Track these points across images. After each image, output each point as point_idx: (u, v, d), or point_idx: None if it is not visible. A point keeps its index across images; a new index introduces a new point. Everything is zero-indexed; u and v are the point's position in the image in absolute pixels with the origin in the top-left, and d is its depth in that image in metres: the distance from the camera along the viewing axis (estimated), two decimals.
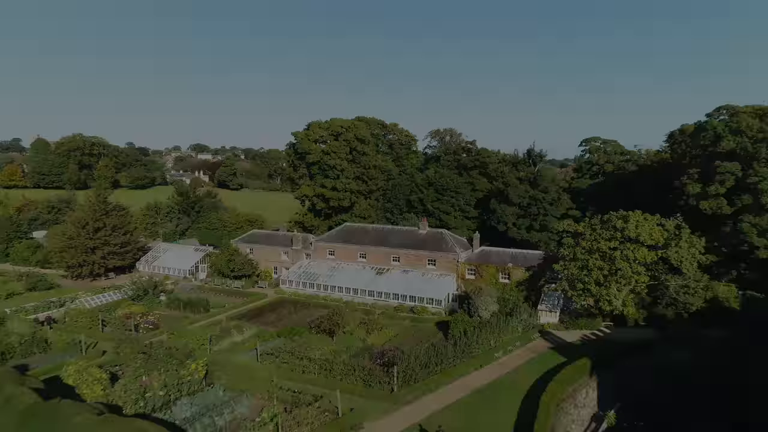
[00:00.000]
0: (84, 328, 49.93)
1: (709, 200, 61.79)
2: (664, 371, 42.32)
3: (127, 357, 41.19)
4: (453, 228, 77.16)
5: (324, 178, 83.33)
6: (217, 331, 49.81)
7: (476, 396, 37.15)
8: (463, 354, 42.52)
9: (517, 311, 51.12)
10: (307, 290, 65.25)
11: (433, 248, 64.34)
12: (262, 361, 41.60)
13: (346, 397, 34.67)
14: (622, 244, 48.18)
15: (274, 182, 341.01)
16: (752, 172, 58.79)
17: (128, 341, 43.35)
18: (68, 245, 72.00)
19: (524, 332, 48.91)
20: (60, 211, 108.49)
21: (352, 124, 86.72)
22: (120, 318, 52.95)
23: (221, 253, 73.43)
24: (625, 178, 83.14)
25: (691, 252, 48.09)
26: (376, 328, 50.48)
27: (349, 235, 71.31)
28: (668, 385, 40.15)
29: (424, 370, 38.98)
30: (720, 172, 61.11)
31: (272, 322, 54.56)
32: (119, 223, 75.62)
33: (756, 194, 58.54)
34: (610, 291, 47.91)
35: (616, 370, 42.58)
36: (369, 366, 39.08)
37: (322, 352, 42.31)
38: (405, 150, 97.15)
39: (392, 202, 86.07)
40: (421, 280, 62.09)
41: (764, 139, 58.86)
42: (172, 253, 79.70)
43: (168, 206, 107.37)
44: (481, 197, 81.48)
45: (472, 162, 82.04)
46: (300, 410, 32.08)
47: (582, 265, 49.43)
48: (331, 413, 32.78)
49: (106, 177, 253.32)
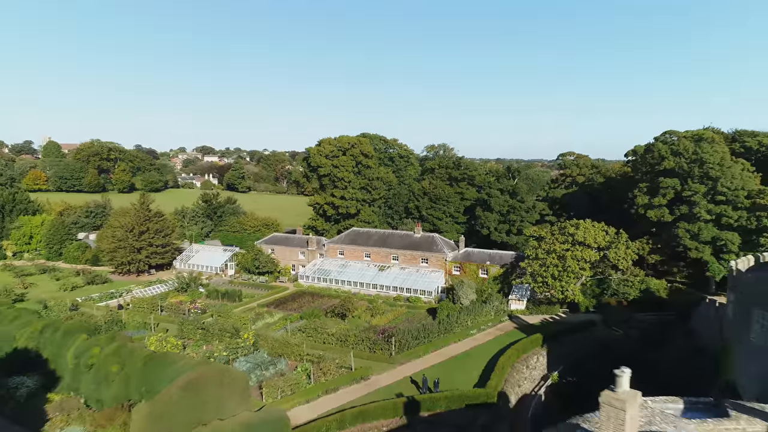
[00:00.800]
0: (147, 312, 62.39)
1: (654, 210, 73.94)
2: (600, 344, 54.60)
3: (189, 332, 53.64)
4: (444, 232, 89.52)
5: (333, 188, 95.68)
6: (252, 315, 62.18)
7: (452, 360, 49.49)
8: (445, 331, 54.88)
9: (491, 300, 63.49)
10: (321, 284, 77.66)
11: (425, 249, 76.75)
12: (292, 335, 54.00)
13: (356, 359, 47.08)
14: (573, 246, 60.48)
15: (281, 185, 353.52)
16: (687, 187, 70.93)
17: (189, 321, 55.82)
18: (118, 246, 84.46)
19: (496, 316, 61.17)
20: (97, 215, 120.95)
21: (358, 141, 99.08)
22: (173, 304, 65.39)
23: (247, 253, 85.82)
24: (594, 189, 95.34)
25: (627, 252, 60.39)
26: (379, 312, 62.85)
27: (355, 237, 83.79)
28: (600, 354, 52.48)
29: (414, 341, 51.33)
30: (663, 186, 73.25)
31: (294, 309, 66.87)
32: (160, 227, 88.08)
33: (690, 205, 70.73)
34: (562, 284, 60.25)
35: (563, 343, 54.80)
36: (373, 338, 51.53)
37: (339, 329, 54.78)
38: (404, 162, 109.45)
39: (393, 209, 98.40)
40: (416, 275, 74.46)
41: (697, 160, 70.97)
42: (203, 252, 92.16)
43: (194, 211, 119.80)
44: (469, 205, 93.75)
45: (461, 175, 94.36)
46: (324, 364, 44.54)
47: (542, 263, 61.75)
48: (346, 368, 45.20)
49: (123, 181, 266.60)
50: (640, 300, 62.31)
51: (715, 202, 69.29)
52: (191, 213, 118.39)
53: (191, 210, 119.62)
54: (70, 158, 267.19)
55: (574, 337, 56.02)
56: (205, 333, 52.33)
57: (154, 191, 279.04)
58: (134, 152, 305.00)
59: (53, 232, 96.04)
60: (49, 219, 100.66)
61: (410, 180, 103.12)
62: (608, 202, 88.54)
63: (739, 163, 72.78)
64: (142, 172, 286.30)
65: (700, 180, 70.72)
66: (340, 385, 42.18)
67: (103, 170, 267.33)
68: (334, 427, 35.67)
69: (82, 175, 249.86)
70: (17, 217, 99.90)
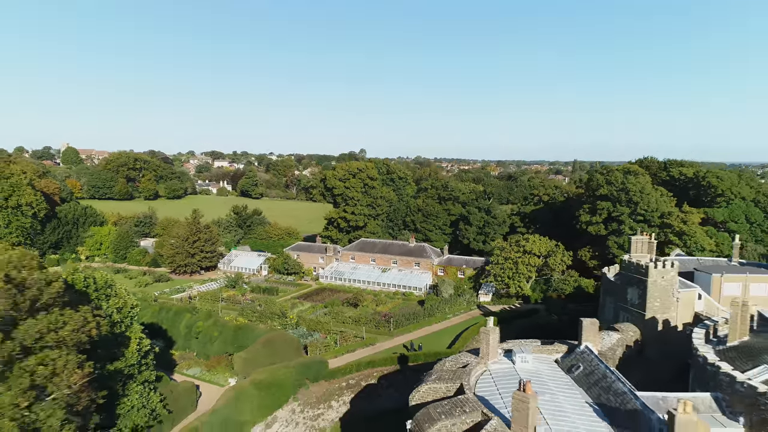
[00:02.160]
0: (211, 301, 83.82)
1: (593, 225, 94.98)
2: (539, 325, 75.60)
3: (248, 315, 74.97)
4: (434, 241, 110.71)
5: (345, 205, 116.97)
6: (289, 305, 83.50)
7: (433, 334, 70.66)
8: (429, 315, 76.13)
9: (465, 294, 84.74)
10: (337, 282, 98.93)
11: (417, 255, 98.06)
12: (321, 317, 75.37)
13: (366, 333, 68.35)
14: (524, 255, 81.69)
15: (291, 192, 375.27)
16: (616, 209, 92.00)
17: (246, 307, 77.26)
18: (177, 252, 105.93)
19: (468, 305, 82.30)
20: (145, 224, 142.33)
21: (365, 165, 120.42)
22: (229, 296, 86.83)
23: (278, 257, 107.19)
24: (555, 206, 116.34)
25: (563, 259, 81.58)
26: (382, 303, 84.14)
27: (363, 246, 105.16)
28: (538, 331, 73.56)
29: (407, 322, 72.58)
30: (599, 208, 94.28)
31: (319, 300, 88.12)
32: (208, 236, 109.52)
33: (618, 223, 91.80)
34: (515, 282, 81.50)
35: (515, 324, 75.48)
36: (378, 320, 72.90)
37: (353, 314, 76.20)
38: (402, 183, 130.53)
39: (393, 222, 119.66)
40: (410, 276, 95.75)
41: (624, 189, 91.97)
42: (241, 257, 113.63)
43: (227, 221, 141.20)
44: (454, 219, 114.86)
45: (448, 195, 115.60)
46: (344, 336, 65.97)
47: (501, 267, 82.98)
48: (359, 339, 66.52)
49: (149, 189, 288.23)
50: (573, 294, 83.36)
51: (636, 220, 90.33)
52: (225, 223, 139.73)
53: (225, 220, 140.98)
54: (100, 168, 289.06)
55: (522, 321, 76.94)
56: (260, 315, 73.76)
57: (175, 198, 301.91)
58: (156, 162, 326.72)
59: (119, 239, 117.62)
60: (114, 229, 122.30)
61: (407, 198, 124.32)
62: (566, 218, 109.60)
63: (657, 191, 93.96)
64: (164, 181, 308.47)
65: (626, 204, 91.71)
66: (356, 347, 63.48)
67: (130, 179, 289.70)
68: (354, 369, 57.00)
69: (112, 184, 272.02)
70: (88, 227, 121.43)
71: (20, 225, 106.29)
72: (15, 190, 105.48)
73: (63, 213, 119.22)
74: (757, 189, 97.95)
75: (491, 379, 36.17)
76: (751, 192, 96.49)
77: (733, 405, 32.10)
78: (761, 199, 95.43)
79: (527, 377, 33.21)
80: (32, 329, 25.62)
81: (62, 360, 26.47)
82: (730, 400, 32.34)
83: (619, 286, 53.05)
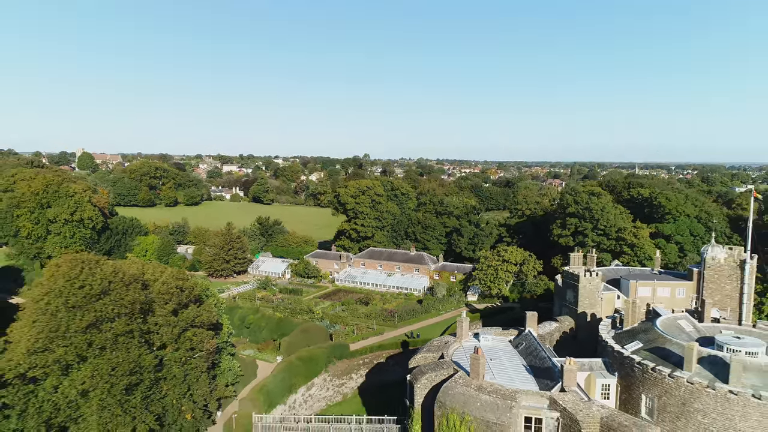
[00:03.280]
0: (249, 300, 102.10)
1: (563, 238, 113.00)
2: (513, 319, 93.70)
3: (281, 311, 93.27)
4: (431, 250, 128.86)
5: (356, 218, 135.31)
6: (312, 303, 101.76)
7: (428, 326, 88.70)
8: (426, 311, 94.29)
9: (455, 294, 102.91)
10: (350, 284, 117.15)
11: (417, 262, 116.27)
12: (339, 313, 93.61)
13: (376, 326, 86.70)
14: (503, 263, 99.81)
15: (299, 197, 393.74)
16: (581, 224, 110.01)
17: (279, 305, 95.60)
18: (214, 258, 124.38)
19: (457, 304, 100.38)
20: (179, 233, 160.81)
21: (373, 184, 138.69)
22: (263, 296, 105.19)
23: (300, 263, 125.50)
24: (535, 219, 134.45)
25: (534, 267, 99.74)
26: (387, 301, 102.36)
27: (372, 254, 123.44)
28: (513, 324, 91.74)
29: (408, 316, 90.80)
30: (568, 223, 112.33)
31: (336, 299, 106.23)
32: (240, 245, 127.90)
33: (583, 236, 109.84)
34: (495, 285, 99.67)
35: (495, 318, 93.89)
36: (385, 315, 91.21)
37: (365, 310, 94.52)
38: (405, 198, 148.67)
39: (397, 232, 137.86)
40: (411, 279, 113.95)
41: (588, 208, 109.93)
42: (268, 262, 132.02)
43: (251, 230, 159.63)
44: (449, 231, 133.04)
45: (444, 210, 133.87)
46: (359, 327, 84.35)
47: (484, 273, 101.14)
48: (371, 329, 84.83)
49: (169, 197, 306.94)
50: (543, 295, 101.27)
51: (597, 234, 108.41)
52: (250, 232, 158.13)
53: (250, 230, 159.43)
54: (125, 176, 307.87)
55: (501, 316, 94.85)
56: (291, 311, 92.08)
57: (193, 204, 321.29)
58: (174, 170, 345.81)
59: (162, 247, 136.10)
60: (156, 239, 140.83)
61: (409, 211, 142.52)
62: (544, 230, 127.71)
63: (617, 209, 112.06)
64: (183, 188, 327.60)
65: (589, 220, 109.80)
66: (368, 335, 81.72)
67: (152, 187, 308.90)
68: (368, 351, 75.12)
69: (136, 192, 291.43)
70: (135, 236, 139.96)
71: (82, 236, 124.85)
72: (78, 207, 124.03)
73: (114, 224, 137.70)
74: (701, 208, 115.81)
75: (462, 351, 54.51)
76: (695, 210, 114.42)
77: (613, 366, 50.29)
78: (703, 216, 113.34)
79: (485, 350, 51.63)
80: (190, 314, 43.50)
81: (203, 334, 44.30)
82: (611, 363, 50.54)
83: (562, 289, 71.26)
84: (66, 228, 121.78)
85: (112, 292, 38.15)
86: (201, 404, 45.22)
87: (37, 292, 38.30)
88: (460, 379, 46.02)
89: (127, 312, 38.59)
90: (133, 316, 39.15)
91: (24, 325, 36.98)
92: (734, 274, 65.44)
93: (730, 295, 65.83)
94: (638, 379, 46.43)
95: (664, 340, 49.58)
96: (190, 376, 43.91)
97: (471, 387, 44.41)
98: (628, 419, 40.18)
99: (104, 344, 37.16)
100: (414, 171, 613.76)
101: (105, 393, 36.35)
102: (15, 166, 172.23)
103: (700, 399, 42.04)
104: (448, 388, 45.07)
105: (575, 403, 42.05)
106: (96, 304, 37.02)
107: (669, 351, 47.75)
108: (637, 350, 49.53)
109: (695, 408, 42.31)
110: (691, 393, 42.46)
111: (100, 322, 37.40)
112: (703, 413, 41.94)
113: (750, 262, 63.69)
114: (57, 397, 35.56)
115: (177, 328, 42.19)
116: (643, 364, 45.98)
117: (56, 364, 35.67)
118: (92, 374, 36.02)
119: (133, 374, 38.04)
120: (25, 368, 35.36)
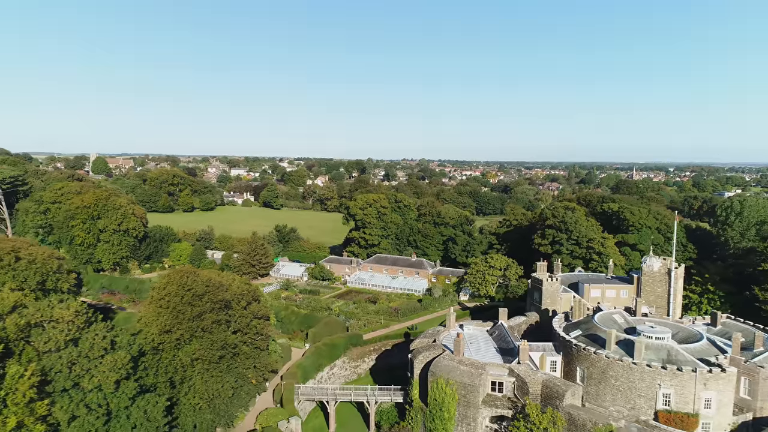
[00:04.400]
0: (275, 299, 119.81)
1: (543, 246, 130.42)
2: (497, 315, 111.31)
3: (304, 308, 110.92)
4: (429, 255, 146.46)
5: (364, 228, 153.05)
6: (329, 302, 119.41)
7: (426, 320, 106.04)
8: (424, 309, 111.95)
9: (449, 294, 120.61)
10: (360, 286, 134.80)
11: (417, 267, 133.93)
12: (352, 310, 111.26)
13: (384, 320, 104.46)
14: (489, 268, 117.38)
15: (307, 202, 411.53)
16: (558, 235, 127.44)
17: (302, 303, 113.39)
18: (241, 263, 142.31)
19: (451, 302, 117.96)
20: (206, 239, 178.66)
21: (379, 197, 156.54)
22: (286, 296, 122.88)
23: (315, 267, 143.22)
24: (522, 229, 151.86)
25: (516, 272, 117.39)
26: (392, 301, 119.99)
27: (378, 260, 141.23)
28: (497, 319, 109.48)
29: (409, 313, 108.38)
30: (547, 234, 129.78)
31: (348, 299, 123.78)
32: (264, 252, 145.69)
33: (560, 245, 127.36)
34: (483, 287, 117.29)
35: (482, 314, 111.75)
36: (390, 311, 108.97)
37: (373, 308, 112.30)
38: (407, 209, 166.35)
39: (400, 240, 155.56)
40: (412, 282, 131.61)
41: (564, 221, 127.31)
42: (287, 266, 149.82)
43: (270, 237, 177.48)
44: (445, 239, 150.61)
45: (441, 221, 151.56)
46: (369, 321, 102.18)
47: (473, 276, 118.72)
48: (379, 323, 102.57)
49: (187, 203, 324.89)
50: (524, 295, 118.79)
51: (570, 243, 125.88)
52: (269, 238, 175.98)
53: (269, 236, 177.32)
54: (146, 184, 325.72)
55: (487, 312, 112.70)
56: (312, 308, 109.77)
57: (209, 210, 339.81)
58: (190, 178, 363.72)
59: (195, 252, 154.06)
60: (189, 245, 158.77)
61: (411, 221, 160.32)
62: (528, 239, 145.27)
63: (589, 221, 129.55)
64: (199, 195, 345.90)
65: (564, 231, 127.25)
66: (377, 328, 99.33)
67: (170, 194, 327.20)
68: (377, 340, 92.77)
69: (156, 198, 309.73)
70: (170, 243, 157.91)
71: (127, 244, 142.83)
72: (124, 218, 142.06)
73: (152, 233, 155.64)
74: (661, 221, 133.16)
75: (449, 337, 72.23)
76: (656, 222, 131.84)
77: (559, 348, 67.91)
78: (662, 227, 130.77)
79: (466, 336, 69.44)
80: (254, 309, 61.22)
81: (262, 323, 61.82)
82: (558, 345, 68.20)
83: (531, 290, 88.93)
84: (114, 237, 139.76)
85: (209, 293, 55.64)
86: (261, 373, 63.02)
87: (156, 294, 55.95)
88: (447, 355, 63.78)
89: (218, 307, 56.14)
90: (221, 309, 56.72)
91: (151, 315, 54.56)
92: (664, 279, 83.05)
93: (662, 296, 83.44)
94: (575, 356, 63.97)
95: (597, 329, 67.15)
96: (254, 353, 61.43)
97: (454, 361, 62.16)
98: (561, 381, 57.94)
99: (205, 328, 54.66)
100: (416, 174, 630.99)
101: (206, 361, 53.89)
102: (58, 179, 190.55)
103: (614, 368, 59.58)
104: (437, 361, 62.84)
105: (526, 371, 59.77)
106: (200, 301, 54.53)
107: (598, 336, 65.30)
108: (576, 336, 67.12)
109: (610, 375, 59.84)
110: (608, 364, 59.96)
111: (202, 314, 54.93)
112: (615, 378, 59.47)
113: (674, 270, 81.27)
114: (175, 363, 53.03)
115: (246, 318, 59.60)
116: (578, 345, 63.58)
117: (175, 341, 53.14)
118: (198, 348, 53.49)
119: (222, 349, 55.55)
120: (156, 343, 52.79)
